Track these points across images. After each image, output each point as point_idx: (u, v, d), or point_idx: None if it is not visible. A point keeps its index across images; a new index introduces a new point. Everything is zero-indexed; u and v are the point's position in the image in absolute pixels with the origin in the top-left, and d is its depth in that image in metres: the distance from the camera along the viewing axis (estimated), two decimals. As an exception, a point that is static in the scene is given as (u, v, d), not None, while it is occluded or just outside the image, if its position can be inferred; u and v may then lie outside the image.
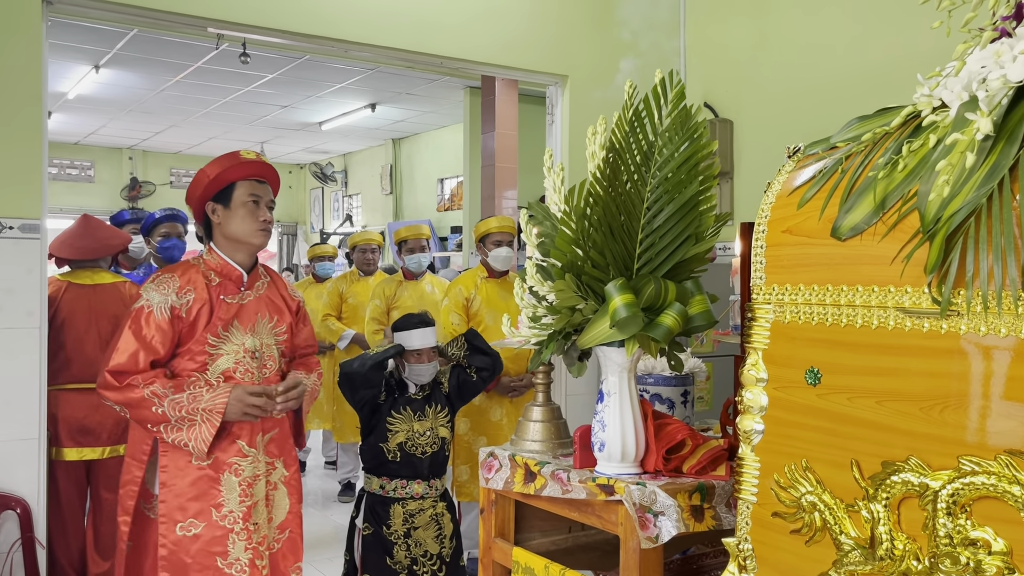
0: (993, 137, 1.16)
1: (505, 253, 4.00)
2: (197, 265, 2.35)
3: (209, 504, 2.23)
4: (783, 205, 1.52)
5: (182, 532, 2.20)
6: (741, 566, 1.55)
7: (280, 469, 2.39)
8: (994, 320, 1.16)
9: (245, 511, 2.26)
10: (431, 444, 3.11)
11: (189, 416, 2.17)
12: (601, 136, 1.77)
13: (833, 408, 1.39)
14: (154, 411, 2.16)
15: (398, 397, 3.12)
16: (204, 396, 2.19)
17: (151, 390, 2.16)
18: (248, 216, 2.33)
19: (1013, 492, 1.14)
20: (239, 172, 2.33)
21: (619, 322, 1.66)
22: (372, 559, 3.07)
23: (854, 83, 3.59)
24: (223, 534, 2.23)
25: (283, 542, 2.40)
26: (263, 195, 2.37)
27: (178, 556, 2.20)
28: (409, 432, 3.07)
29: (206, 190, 2.34)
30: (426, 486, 3.11)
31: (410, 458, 3.08)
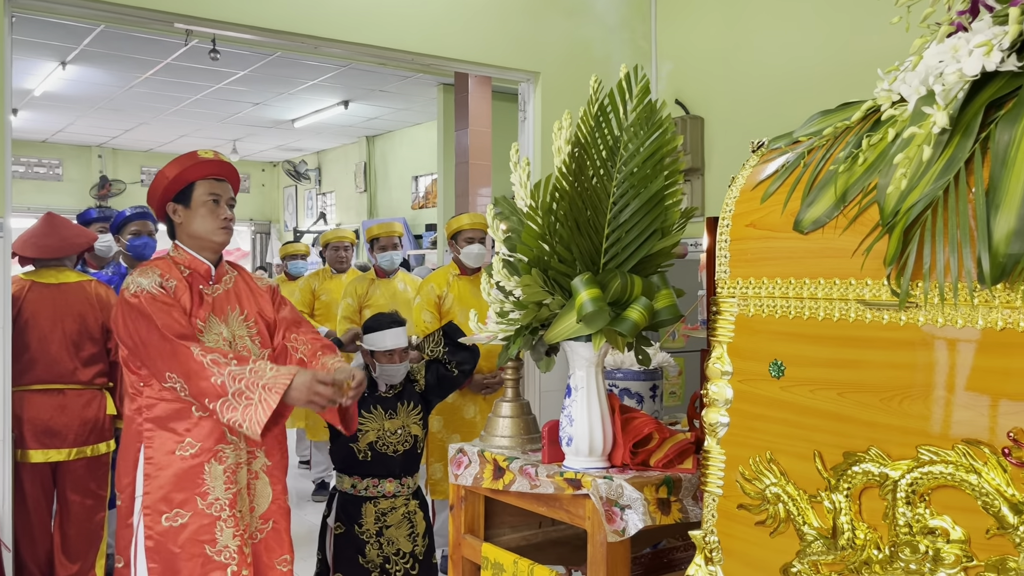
0: (949, 131, 1.18)
1: (477, 250, 4.00)
2: (167, 260, 2.36)
3: (194, 493, 2.22)
4: (747, 199, 1.53)
5: (168, 523, 2.19)
6: (708, 558, 1.56)
7: (261, 458, 2.38)
8: (951, 311, 1.18)
9: (231, 498, 2.25)
10: (403, 442, 3.10)
11: (247, 391, 2.08)
12: (567, 131, 1.78)
13: (796, 400, 1.40)
14: (213, 381, 2.08)
15: (368, 396, 3.10)
16: (267, 372, 2.12)
17: (211, 358, 2.11)
18: (209, 215, 2.35)
19: (970, 481, 1.15)
20: (197, 172, 2.35)
21: (586, 317, 1.66)
22: (344, 558, 3.06)
23: (824, 80, 3.62)
24: (210, 522, 2.22)
25: (267, 532, 2.39)
26: (222, 193, 2.38)
27: (165, 546, 2.19)
28: (380, 431, 3.06)
29: (165, 191, 2.36)
30: (398, 484, 3.10)
31: (382, 457, 3.06)
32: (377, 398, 3.10)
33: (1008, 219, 1.07)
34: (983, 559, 1.15)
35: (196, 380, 2.10)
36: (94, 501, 3.48)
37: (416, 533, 3.15)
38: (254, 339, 2.41)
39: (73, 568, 3.45)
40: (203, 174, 2.36)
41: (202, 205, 2.35)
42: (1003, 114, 1.13)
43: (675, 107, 4.33)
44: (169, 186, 2.34)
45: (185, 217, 2.36)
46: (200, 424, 2.23)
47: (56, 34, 6.46)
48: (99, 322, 3.46)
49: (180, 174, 2.33)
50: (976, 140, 1.15)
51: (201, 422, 2.23)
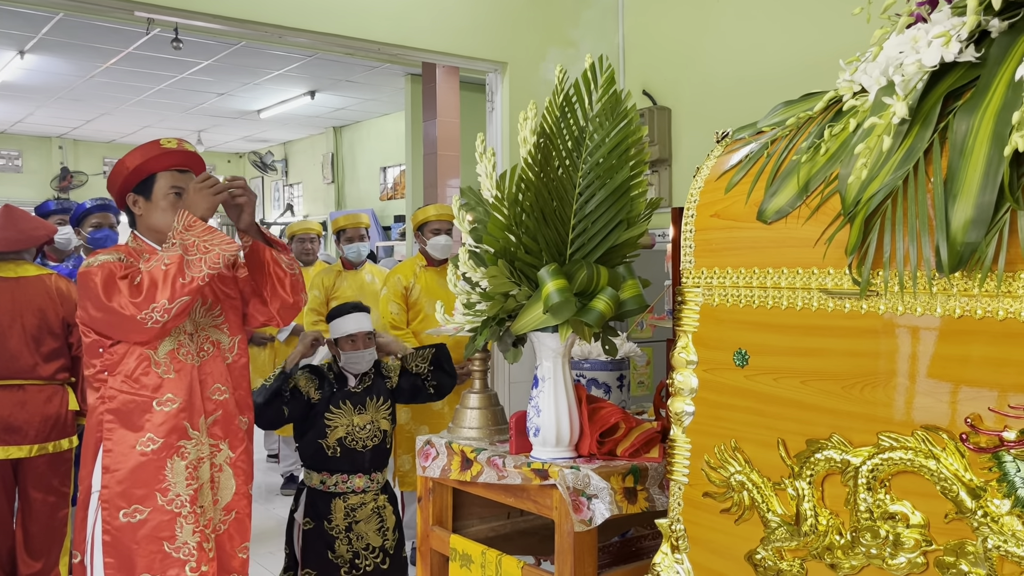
0: (909, 121, 1.19)
1: (444, 241, 3.98)
2: (126, 248, 2.30)
3: (154, 489, 2.18)
4: (711, 190, 1.53)
5: (126, 519, 2.15)
6: (674, 546, 1.57)
7: (225, 451, 2.35)
8: (910, 300, 1.19)
9: (192, 494, 2.22)
10: (372, 437, 3.08)
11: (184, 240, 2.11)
12: (532, 121, 1.77)
13: (760, 389, 1.41)
14: (164, 268, 2.07)
15: (336, 391, 3.07)
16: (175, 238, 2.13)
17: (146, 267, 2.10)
18: (170, 209, 2.27)
19: (929, 467, 1.17)
20: (160, 163, 2.27)
21: (552, 307, 1.66)
22: (313, 553, 3.04)
23: (791, 71, 3.65)
24: (170, 518, 2.18)
25: (229, 523, 2.37)
26: (185, 186, 2.30)
27: (122, 542, 2.15)
28: (349, 427, 3.03)
29: (126, 181, 2.28)
30: (367, 479, 3.08)
31: (351, 452, 3.04)
32: (346, 393, 3.07)
33: (965, 208, 1.08)
34: (942, 543, 1.17)
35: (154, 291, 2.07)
36: (56, 498, 3.42)
37: (386, 527, 3.13)
38: (221, 327, 2.37)
39: (36, 566, 3.40)
40: (166, 165, 2.28)
41: (163, 198, 2.27)
42: (961, 104, 1.15)
43: (642, 98, 4.34)
44: (129, 176, 2.27)
45: (146, 209, 2.29)
46: (161, 419, 2.19)
47: (14, 23, 6.31)
48: (59, 316, 3.40)
49: (141, 165, 2.25)
50: (935, 130, 1.17)
51: (162, 417, 2.19)
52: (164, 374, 2.21)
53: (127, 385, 2.18)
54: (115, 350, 2.19)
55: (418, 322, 3.96)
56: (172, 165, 2.29)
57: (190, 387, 2.24)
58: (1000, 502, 1.10)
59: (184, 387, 2.22)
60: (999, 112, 1.08)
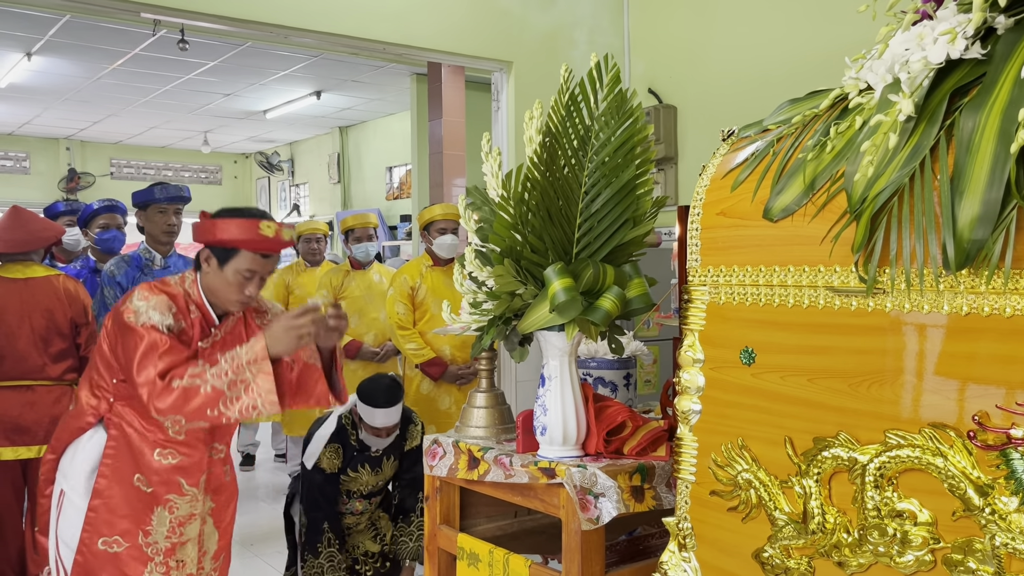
0: (915, 118, 1.19)
1: (450, 241, 3.98)
2: (181, 293, 2.23)
3: (137, 527, 2.20)
4: (717, 188, 1.53)
5: (104, 547, 2.16)
6: (681, 544, 1.57)
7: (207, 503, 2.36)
8: (917, 297, 1.19)
9: (169, 547, 2.23)
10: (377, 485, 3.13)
11: (236, 376, 2.03)
12: (538, 121, 1.77)
13: (767, 387, 1.41)
14: (203, 392, 2.01)
15: (357, 455, 3.07)
16: (242, 353, 2.05)
17: (188, 375, 2.03)
18: (234, 287, 2.20)
19: (936, 464, 1.17)
20: (249, 244, 2.18)
21: (558, 306, 1.66)
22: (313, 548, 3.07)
23: (797, 69, 3.64)
24: (143, 560, 2.19)
25: (219, 568, 2.41)
26: (260, 271, 2.22)
27: (92, 567, 2.17)
28: (361, 484, 3.07)
29: (210, 241, 2.21)
30: (367, 503, 3.11)
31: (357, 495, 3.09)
32: (366, 457, 3.09)
33: (972, 205, 1.08)
34: (950, 541, 1.17)
35: (185, 405, 2.03)
36: (66, 498, 3.44)
37: (381, 535, 3.16)
38: None
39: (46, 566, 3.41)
40: (253, 248, 2.19)
41: (234, 274, 2.19)
42: (967, 101, 1.14)
43: (648, 96, 4.33)
44: (216, 240, 2.19)
45: (212, 272, 2.21)
46: (156, 468, 2.20)
47: (21, 24, 6.34)
48: (67, 317, 3.41)
49: (232, 240, 2.17)
50: (941, 127, 1.16)
51: (158, 467, 2.20)
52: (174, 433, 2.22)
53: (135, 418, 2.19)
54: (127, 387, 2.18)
55: (424, 322, 3.96)
56: (259, 249, 2.20)
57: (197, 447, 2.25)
58: (1008, 499, 1.09)
59: (189, 447, 2.24)
60: (1005, 109, 1.08)
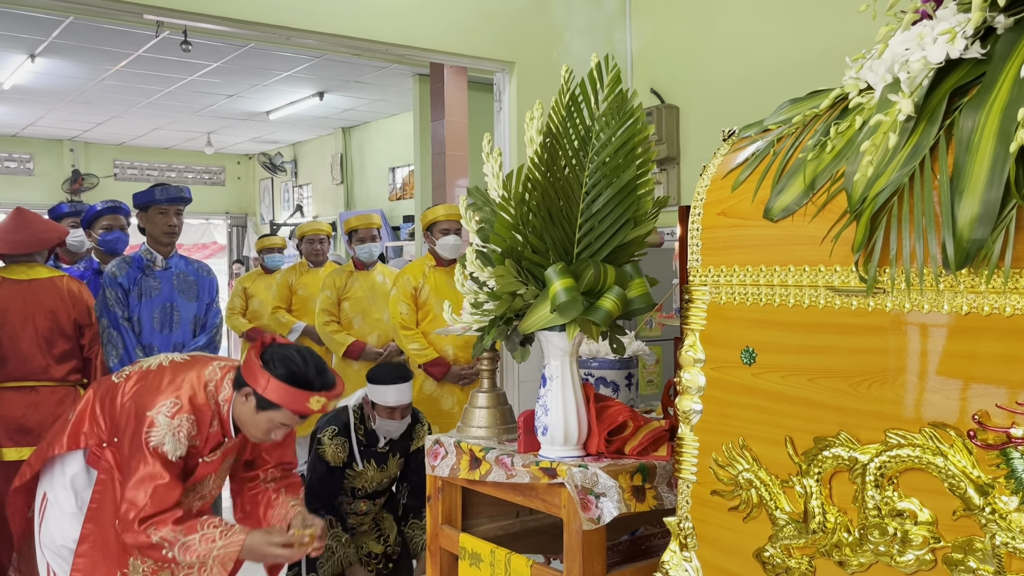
0: (915, 118, 1.19)
1: (453, 241, 3.99)
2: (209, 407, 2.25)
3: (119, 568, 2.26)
4: (718, 188, 1.53)
5: None
6: (682, 544, 1.57)
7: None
8: (917, 297, 1.19)
9: None
10: (381, 483, 3.10)
11: (200, 561, 2.15)
12: (538, 121, 1.77)
13: (768, 386, 1.41)
14: (164, 554, 2.14)
15: (364, 449, 3.03)
16: (217, 542, 2.14)
17: (161, 535, 2.12)
18: (263, 430, 2.24)
19: (937, 464, 1.17)
20: (292, 407, 2.20)
21: (559, 306, 1.67)
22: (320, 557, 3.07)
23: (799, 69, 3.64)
24: None
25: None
26: (294, 425, 2.27)
27: None
28: (366, 481, 3.04)
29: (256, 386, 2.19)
30: (371, 504, 3.09)
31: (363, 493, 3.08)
32: (372, 452, 3.05)
33: (972, 205, 1.08)
34: (950, 540, 1.17)
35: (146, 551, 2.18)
36: (70, 498, 3.44)
37: (386, 535, 3.14)
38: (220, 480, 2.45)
39: (49, 566, 3.42)
40: (295, 410, 2.20)
41: (267, 422, 2.22)
42: (967, 101, 1.14)
43: (650, 96, 4.33)
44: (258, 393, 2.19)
45: (247, 410, 2.22)
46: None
47: (24, 26, 6.35)
48: (71, 318, 3.42)
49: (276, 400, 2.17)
50: (941, 127, 1.16)
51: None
52: None
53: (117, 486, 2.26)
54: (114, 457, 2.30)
55: (427, 322, 3.97)
56: (299, 412, 2.21)
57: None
58: (1008, 499, 1.09)
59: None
60: (1005, 108, 1.08)
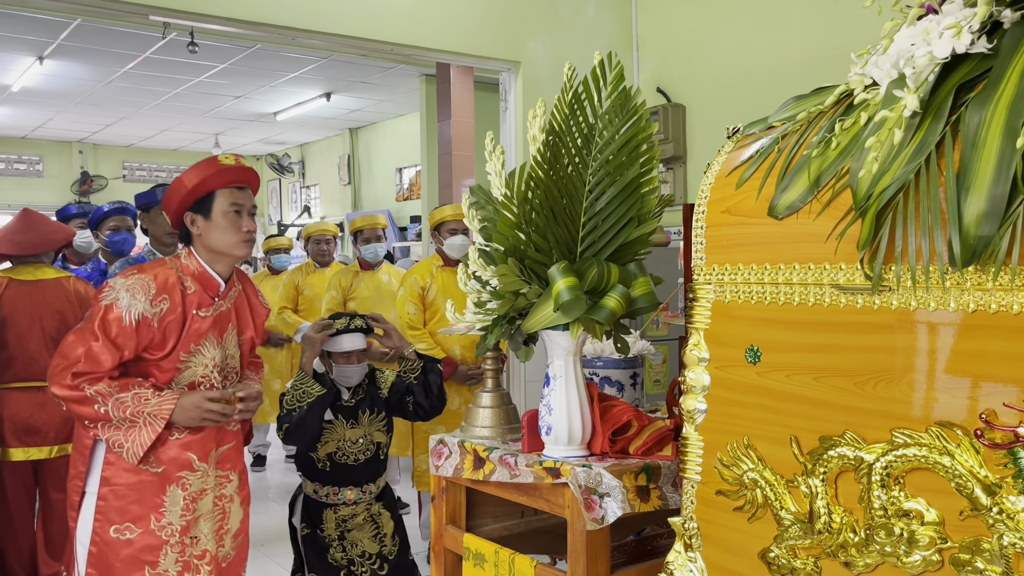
0: (920, 114, 1.17)
1: (460, 241, 3.98)
2: (174, 268, 2.21)
3: (150, 512, 2.17)
4: (722, 185, 1.52)
5: (116, 534, 2.14)
6: (687, 544, 1.56)
7: (235, 481, 2.35)
8: (923, 295, 1.18)
9: (184, 525, 2.20)
10: (364, 451, 3.03)
11: (132, 418, 2.08)
12: (541, 119, 1.77)
13: (772, 386, 1.40)
14: (96, 408, 2.06)
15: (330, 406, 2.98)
16: (151, 400, 2.10)
17: (95, 389, 2.06)
18: (230, 227, 2.20)
19: (944, 463, 1.16)
20: (218, 180, 2.19)
21: (563, 305, 1.66)
22: (312, 557, 3.04)
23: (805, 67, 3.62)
24: (158, 544, 2.17)
25: (237, 548, 2.39)
26: (244, 203, 2.23)
27: (106, 557, 2.14)
28: (340, 441, 2.98)
29: (184, 200, 2.21)
30: (359, 491, 3.04)
31: (341, 467, 2.99)
32: (338, 406, 3.00)
33: (978, 201, 1.07)
34: (957, 540, 1.16)
35: (77, 407, 2.07)
36: (77, 499, 3.45)
37: (383, 534, 3.11)
38: (242, 358, 2.36)
39: (57, 566, 3.43)
40: (224, 182, 2.20)
41: (223, 217, 2.19)
42: (973, 96, 1.13)
43: (656, 95, 4.32)
44: (187, 195, 2.19)
45: (204, 229, 2.21)
46: (164, 448, 2.18)
47: (32, 28, 6.38)
48: (78, 318, 3.42)
49: (200, 183, 2.17)
50: (947, 123, 1.15)
51: (166, 446, 2.18)
52: None
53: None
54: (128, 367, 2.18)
55: (435, 322, 3.96)
56: (231, 182, 2.22)
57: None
58: (1016, 498, 1.08)
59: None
60: (1012, 104, 1.07)
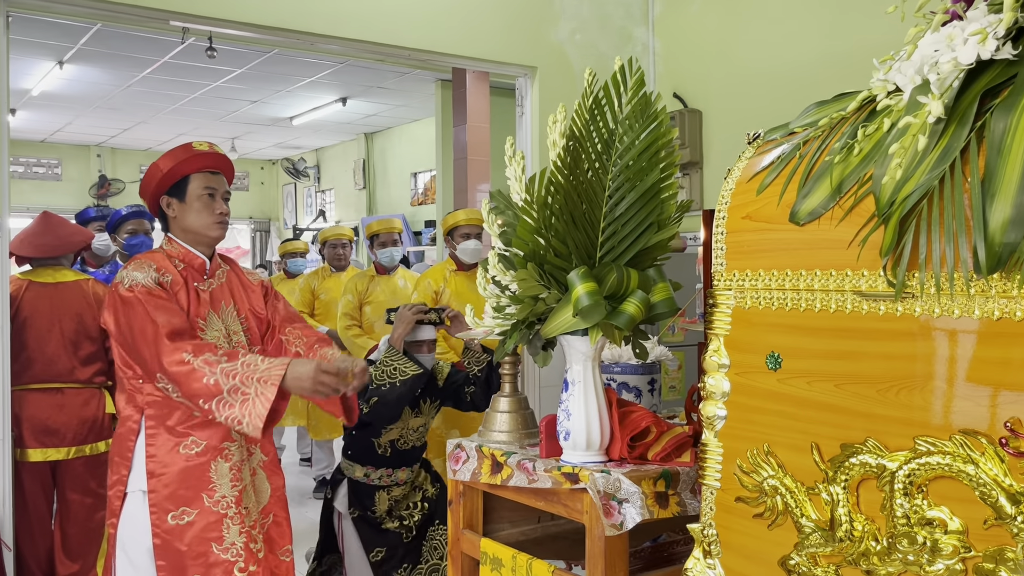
0: (945, 120, 1.17)
1: (473, 246, 3.99)
2: (161, 254, 2.32)
3: (200, 491, 2.19)
4: (743, 191, 1.52)
5: (174, 521, 2.17)
6: (706, 551, 1.55)
7: (258, 454, 2.37)
8: (947, 302, 1.17)
9: (237, 495, 2.23)
10: (421, 437, 3.12)
11: (242, 387, 2.05)
12: (561, 124, 1.77)
13: (793, 392, 1.39)
14: (205, 382, 2.04)
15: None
16: (260, 366, 2.08)
17: (203, 359, 2.06)
18: (204, 209, 2.31)
19: (968, 472, 1.15)
20: (192, 165, 2.32)
21: (582, 310, 1.66)
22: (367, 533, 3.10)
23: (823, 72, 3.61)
24: (217, 519, 2.19)
25: (268, 526, 2.39)
26: (218, 187, 2.35)
27: (172, 545, 2.16)
28: (403, 429, 3.06)
29: (159, 184, 2.32)
30: (410, 471, 3.13)
31: (400, 452, 3.08)
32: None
33: (1004, 208, 1.06)
34: (981, 549, 1.15)
35: (187, 382, 2.06)
36: (94, 500, 3.48)
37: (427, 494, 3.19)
38: (245, 333, 2.39)
39: (74, 567, 3.45)
40: (198, 167, 2.32)
41: (197, 199, 2.31)
42: (998, 102, 1.12)
43: (673, 100, 4.32)
44: (163, 179, 2.31)
45: (179, 211, 2.33)
46: (204, 423, 2.21)
47: (53, 33, 6.45)
48: (97, 321, 3.46)
49: (174, 167, 2.30)
50: (972, 129, 1.14)
51: (205, 421, 2.21)
52: None
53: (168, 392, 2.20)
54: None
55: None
56: (204, 167, 2.33)
57: None
58: (1041, 508, 1.07)
59: None
60: (1038, 110, 1.06)
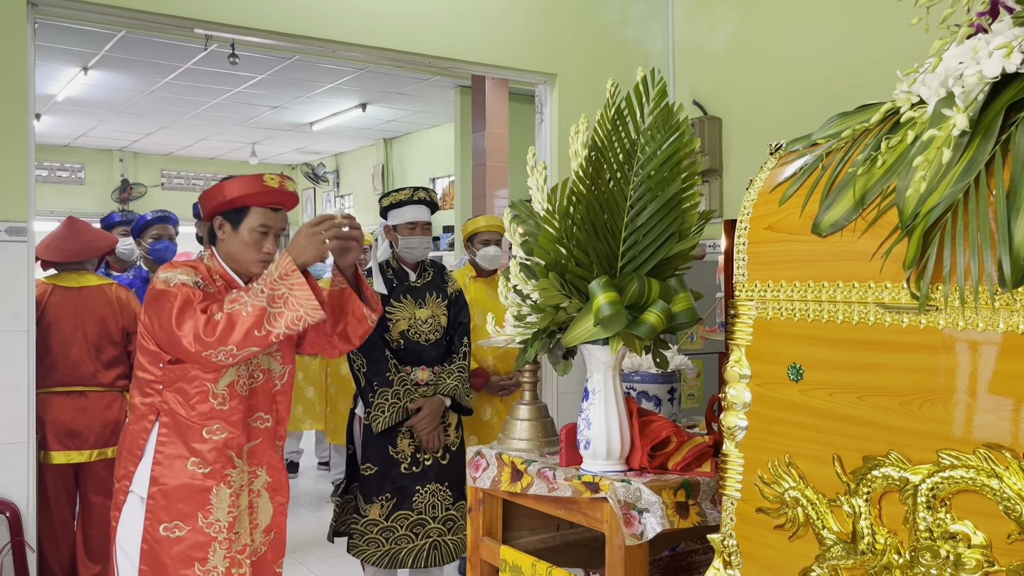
0: (969, 133, 1.17)
1: (493, 252, 4.00)
2: (202, 267, 2.30)
3: (197, 510, 2.22)
4: (765, 202, 1.52)
5: (165, 532, 2.20)
6: (726, 562, 1.55)
7: (262, 476, 2.38)
8: (972, 315, 1.17)
9: (231, 521, 2.26)
10: (433, 331, 3.18)
11: (273, 292, 2.06)
12: (583, 135, 1.78)
13: (815, 404, 1.39)
14: (246, 314, 2.04)
15: (397, 285, 3.19)
16: (271, 270, 2.11)
17: (227, 303, 2.08)
18: (252, 246, 2.27)
19: (992, 486, 1.15)
20: (256, 199, 2.26)
21: (603, 320, 1.66)
22: (374, 449, 3.12)
23: (842, 81, 3.60)
24: (206, 541, 2.22)
25: (269, 543, 2.41)
26: (274, 224, 2.29)
27: (158, 554, 2.20)
28: (411, 319, 3.14)
29: (219, 205, 2.28)
30: (430, 373, 3.16)
31: (414, 345, 3.17)
32: (406, 288, 3.20)
33: (1029, 222, 1.06)
34: (1004, 564, 1.14)
35: (232, 328, 2.04)
36: (116, 502, 3.51)
37: (448, 424, 3.21)
38: (275, 355, 2.38)
39: (95, 569, 3.49)
40: (261, 202, 2.26)
41: (248, 234, 2.26)
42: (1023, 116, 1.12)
43: (693, 108, 4.32)
44: (224, 203, 2.26)
45: (229, 237, 2.28)
46: (210, 446, 2.23)
47: (78, 40, 6.53)
48: (120, 325, 3.50)
49: (239, 197, 2.24)
50: (996, 142, 1.14)
51: (211, 445, 2.23)
52: (219, 405, 2.24)
53: (181, 406, 2.22)
54: (175, 369, 2.22)
55: (468, 332, 3.98)
56: (267, 203, 2.27)
57: (239, 419, 2.27)
58: (1067, 523, 1.07)
59: (234, 419, 2.26)
60: (1064, 124, 1.06)
